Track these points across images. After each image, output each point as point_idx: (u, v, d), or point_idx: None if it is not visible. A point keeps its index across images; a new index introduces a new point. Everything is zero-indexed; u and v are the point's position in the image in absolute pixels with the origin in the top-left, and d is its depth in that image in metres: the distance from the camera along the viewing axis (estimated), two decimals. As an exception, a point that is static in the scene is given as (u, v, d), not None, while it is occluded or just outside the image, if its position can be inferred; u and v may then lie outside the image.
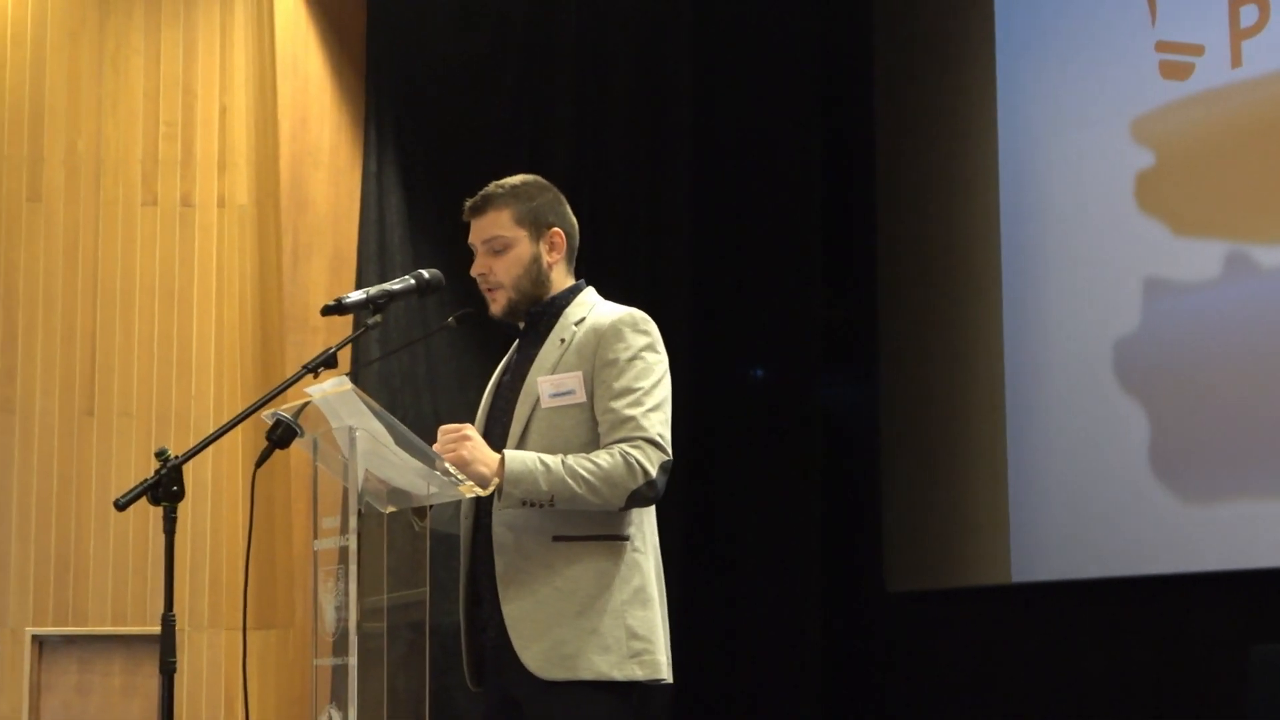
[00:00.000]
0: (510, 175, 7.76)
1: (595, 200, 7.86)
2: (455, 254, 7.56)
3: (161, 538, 7.33)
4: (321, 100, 7.74)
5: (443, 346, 7.65)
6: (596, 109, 8.14)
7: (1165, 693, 6.95)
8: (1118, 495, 7.18)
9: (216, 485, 7.56)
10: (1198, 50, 7.05)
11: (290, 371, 7.42)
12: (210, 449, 7.50)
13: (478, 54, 7.99)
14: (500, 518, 3.76)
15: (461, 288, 4.30)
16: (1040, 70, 7.75)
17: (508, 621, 3.72)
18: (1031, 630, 7.70)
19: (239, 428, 7.53)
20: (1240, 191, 6.86)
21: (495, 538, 3.77)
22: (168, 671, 3.47)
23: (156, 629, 7.28)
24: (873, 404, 8.56)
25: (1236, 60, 6.88)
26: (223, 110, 7.82)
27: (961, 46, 8.19)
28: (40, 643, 7.49)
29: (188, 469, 7.50)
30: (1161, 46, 7.19)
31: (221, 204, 7.78)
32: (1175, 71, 7.12)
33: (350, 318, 7.49)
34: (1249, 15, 6.85)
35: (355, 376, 3.69)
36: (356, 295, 3.83)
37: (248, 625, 7.43)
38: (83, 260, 7.68)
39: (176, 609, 7.39)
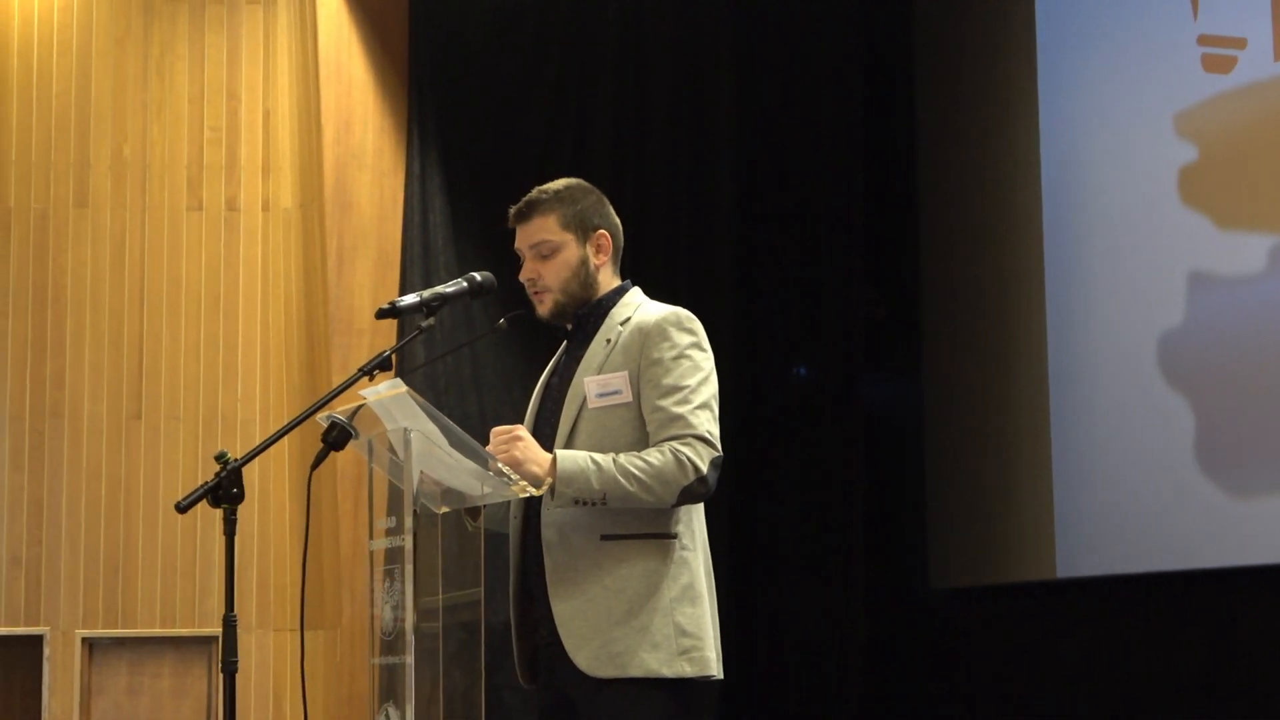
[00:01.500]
0: (553, 176, 7.80)
1: (638, 200, 7.89)
2: (500, 255, 7.62)
3: (210, 540, 7.50)
4: (365, 103, 7.78)
5: (487, 348, 7.68)
6: (638, 109, 8.16)
7: (1214, 687, 6.94)
8: (1163, 490, 7.16)
9: (264, 488, 7.61)
10: (1240, 43, 7.03)
11: (336, 374, 7.50)
12: (255, 459, 7.63)
13: (519, 56, 8.02)
14: (549, 517, 3.79)
15: (506, 290, 4.32)
16: (1082, 64, 7.74)
17: (558, 620, 3.76)
18: (1077, 626, 7.70)
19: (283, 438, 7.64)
20: (1284, 185, 6.86)
21: (544, 537, 3.80)
22: (229, 671, 3.51)
23: (206, 630, 7.47)
24: (917, 400, 8.56)
25: (1279, 53, 6.86)
26: (266, 115, 7.87)
27: (1003, 41, 8.18)
28: (91, 645, 7.55)
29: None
30: (1204, 40, 7.17)
31: (266, 208, 7.83)
32: (1218, 65, 7.10)
33: (395, 320, 7.63)
34: (1291, 8, 6.84)
35: (402, 379, 3.70)
36: (410, 298, 3.84)
37: (292, 627, 7.50)
38: (129, 265, 7.74)
39: (222, 611, 7.53)
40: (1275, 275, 6.80)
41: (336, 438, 3.60)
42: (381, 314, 3.81)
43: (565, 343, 4.07)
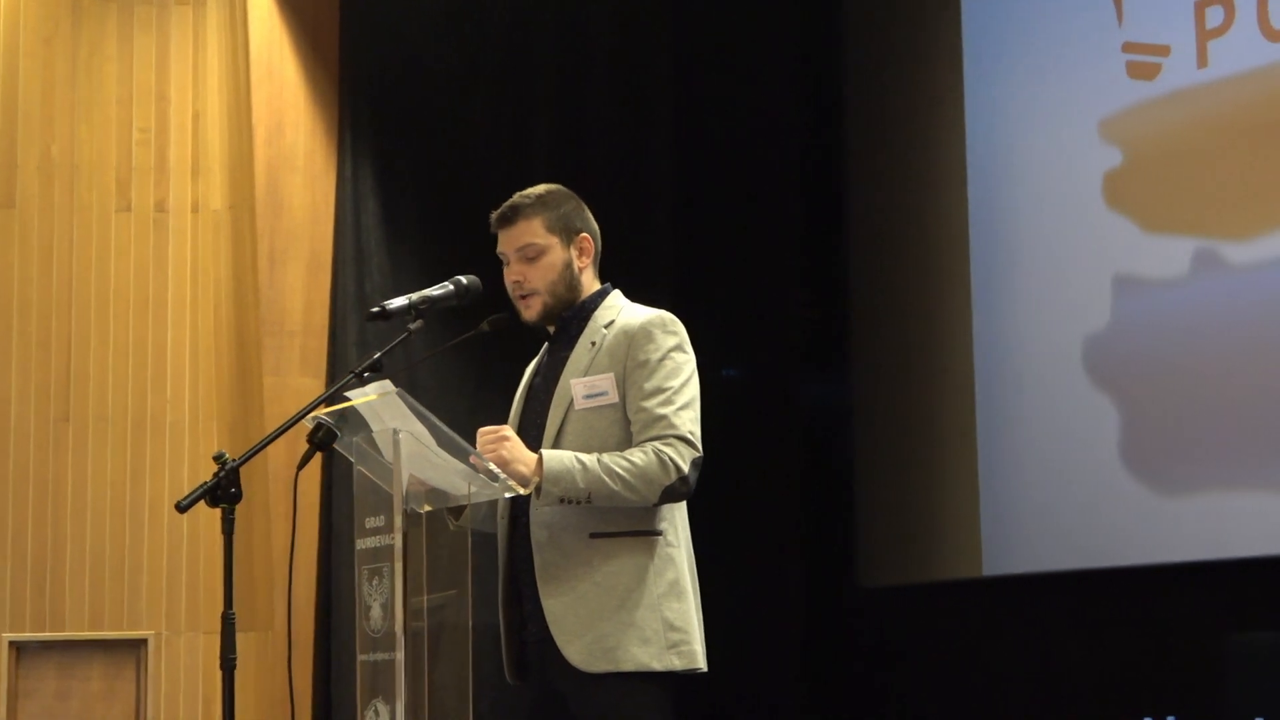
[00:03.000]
0: (488, 178, 7.88)
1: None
2: (433, 255, 7.69)
3: (139, 542, 7.46)
4: (296, 105, 7.78)
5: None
6: (575, 110, 8.19)
7: (1141, 683, 7.05)
8: (1089, 488, 7.29)
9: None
10: (1164, 51, 7.17)
11: (267, 375, 7.51)
12: (185, 460, 7.63)
13: (453, 56, 8.02)
14: (538, 517, 3.87)
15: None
16: (1008, 70, 7.86)
17: (549, 617, 3.84)
18: (1005, 623, 7.80)
19: (212, 431, 7.62)
20: (1207, 189, 6.98)
21: (534, 536, 3.88)
22: (228, 668, 3.54)
23: (135, 633, 7.43)
24: (846, 400, 8.66)
25: (1203, 61, 7.00)
26: (197, 116, 7.84)
27: (930, 49, 8.30)
28: (19, 648, 7.49)
29: (160, 475, 7.55)
30: (1129, 47, 7.31)
31: (196, 209, 7.80)
32: (1143, 72, 7.25)
33: (328, 323, 7.63)
34: (1215, 16, 6.97)
35: (363, 384, 3.75)
36: (399, 301, 3.90)
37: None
38: (58, 266, 7.68)
39: (152, 613, 7.53)
40: (1199, 278, 6.94)
41: (323, 438, 3.64)
42: (372, 317, 3.86)
43: (547, 344, 4.14)
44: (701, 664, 3.98)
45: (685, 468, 3.87)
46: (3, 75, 7.71)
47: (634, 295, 4.28)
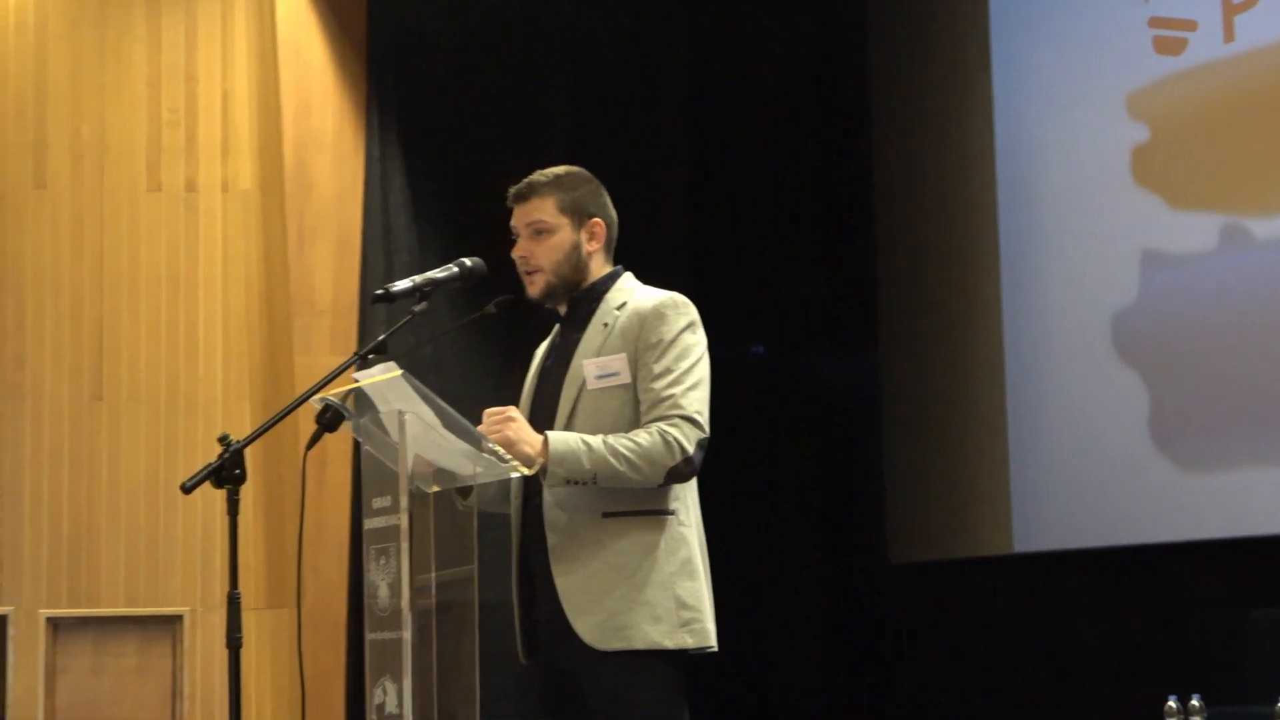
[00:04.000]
0: (511, 157, 7.91)
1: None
2: (460, 235, 7.71)
3: (173, 520, 7.53)
4: (324, 85, 7.82)
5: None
6: (592, 90, 8.21)
7: (1166, 659, 7.05)
8: (1117, 465, 7.28)
9: (223, 468, 7.61)
10: (1190, 25, 7.14)
11: (297, 354, 7.56)
12: (216, 434, 7.65)
13: (475, 37, 8.07)
14: (550, 497, 3.91)
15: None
16: (1035, 47, 7.85)
17: (561, 595, 3.87)
18: (1033, 600, 7.81)
19: (244, 410, 7.67)
20: (1234, 164, 6.96)
21: (546, 516, 3.92)
22: (234, 646, 3.58)
23: (170, 609, 7.49)
24: (873, 378, 8.66)
25: (1229, 35, 6.97)
26: (225, 96, 7.88)
27: (956, 23, 8.28)
28: (55, 625, 7.57)
29: (193, 453, 7.62)
30: (1155, 22, 7.29)
31: (225, 189, 7.85)
32: (1169, 47, 7.22)
33: (355, 304, 7.67)
34: (1241, -10, 6.96)
35: (366, 364, 3.80)
36: (404, 284, 3.94)
37: (256, 606, 7.54)
38: (88, 247, 7.75)
39: (186, 590, 7.58)
40: (1226, 254, 6.92)
41: (331, 419, 3.68)
42: (377, 299, 3.89)
43: (558, 326, 4.17)
44: (713, 642, 3.99)
45: (690, 449, 3.88)
46: (33, 57, 7.76)
47: (650, 273, 4.30)
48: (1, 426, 7.61)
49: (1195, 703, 5.27)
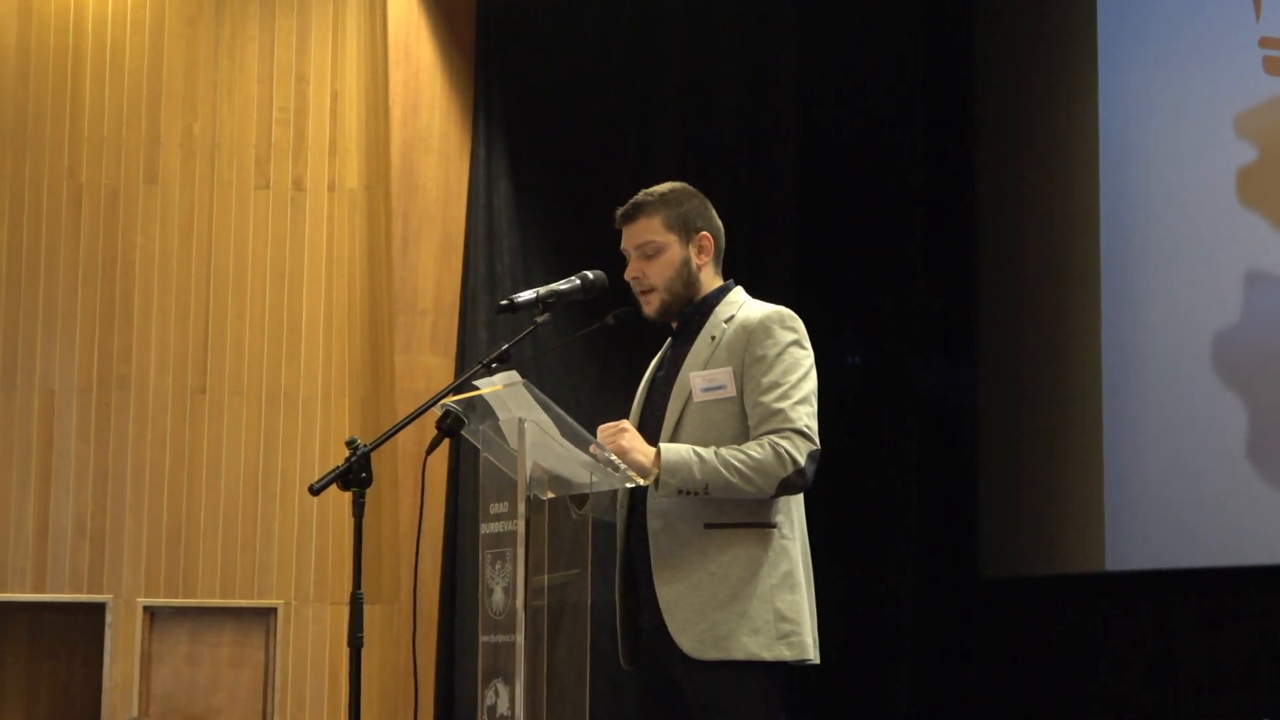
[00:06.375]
0: (616, 163, 7.98)
1: (699, 190, 7.97)
2: (561, 238, 7.80)
3: (270, 515, 7.64)
4: (432, 87, 7.90)
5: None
6: (701, 99, 8.25)
7: (1261, 682, 7.02)
8: (1214, 485, 7.24)
9: (324, 466, 7.71)
10: (1302, 47, 7.11)
11: (398, 353, 7.64)
12: (316, 435, 7.79)
13: (585, 42, 8.13)
14: (655, 507, 3.95)
15: (555, 274, 4.45)
16: (1142, 64, 7.81)
17: (663, 605, 3.92)
18: (1125, 618, 7.78)
19: (344, 407, 7.76)
20: (1342, 188, 6.93)
21: (650, 525, 3.97)
22: (355, 646, 3.65)
23: (265, 602, 7.60)
24: (971, 391, 8.65)
25: (1340, 57, 6.95)
26: (335, 96, 7.99)
27: (1063, 39, 8.26)
28: (152, 613, 7.68)
29: (292, 448, 7.72)
30: (1265, 43, 7.24)
31: (332, 188, 7.95)
32: (1279, 68, 7.18)
33: (459, 302, 7.75)
34: (1352, 12, 6.92)
35: (488, 372, 3.86)
36: (527, 295, 4.00)
37: (347, 601, 7.62)
38: (197, 242, 7.87)
39: (281, 583, 7.69)
40: (1331, 277, 6.89)
41: (451, 425, 3.74)
42: (501, 309, 3.94)
43: (670, 339, 4.22)
44: (812, 655, 4.02)
45: (802, 461, 3.91)
46: (148, 54, 7.89)
47: (756, 284, 4.33)
48: (107, 417, 7.74)
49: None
